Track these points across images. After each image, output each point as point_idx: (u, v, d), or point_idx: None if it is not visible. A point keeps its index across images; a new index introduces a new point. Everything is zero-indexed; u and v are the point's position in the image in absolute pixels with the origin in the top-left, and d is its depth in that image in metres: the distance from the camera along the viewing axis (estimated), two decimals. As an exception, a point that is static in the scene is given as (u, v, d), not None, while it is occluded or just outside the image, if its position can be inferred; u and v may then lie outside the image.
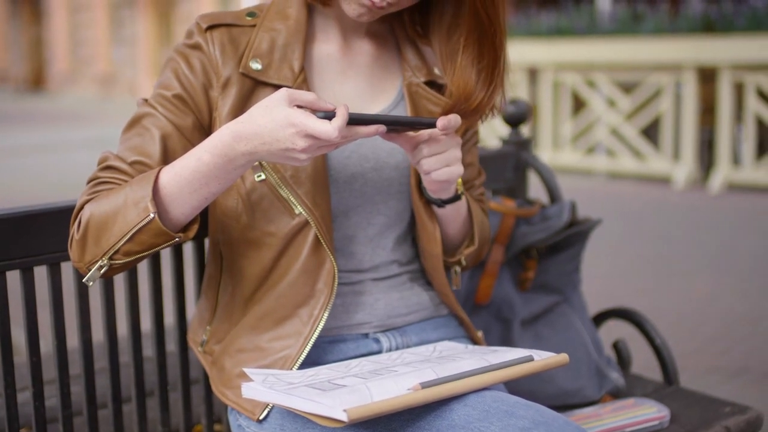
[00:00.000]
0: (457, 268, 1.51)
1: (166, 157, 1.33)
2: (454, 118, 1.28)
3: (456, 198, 1.42)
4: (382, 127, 1.21)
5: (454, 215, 1.46)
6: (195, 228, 1.30)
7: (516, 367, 1.23)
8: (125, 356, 1.63)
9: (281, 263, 1.38)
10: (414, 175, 1.43)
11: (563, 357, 1.27)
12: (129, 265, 1.29)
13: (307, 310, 1.37)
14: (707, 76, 7.63)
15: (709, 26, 7.46)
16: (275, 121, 1.18)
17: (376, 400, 1.11)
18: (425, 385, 1.15)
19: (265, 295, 1.39)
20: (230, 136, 1.22)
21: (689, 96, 7.63)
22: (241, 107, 1.35)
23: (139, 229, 1.23)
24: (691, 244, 5.67)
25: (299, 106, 1.19)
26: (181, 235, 1.27)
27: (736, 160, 7.51)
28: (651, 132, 8.11)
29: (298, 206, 1.34)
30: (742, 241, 5.68)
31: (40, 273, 1.43)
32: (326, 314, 1.36)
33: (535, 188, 2.18)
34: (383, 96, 1.46)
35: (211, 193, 1.26)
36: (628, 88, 8.18)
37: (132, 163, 1.32)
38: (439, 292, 1.50)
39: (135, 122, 1.36)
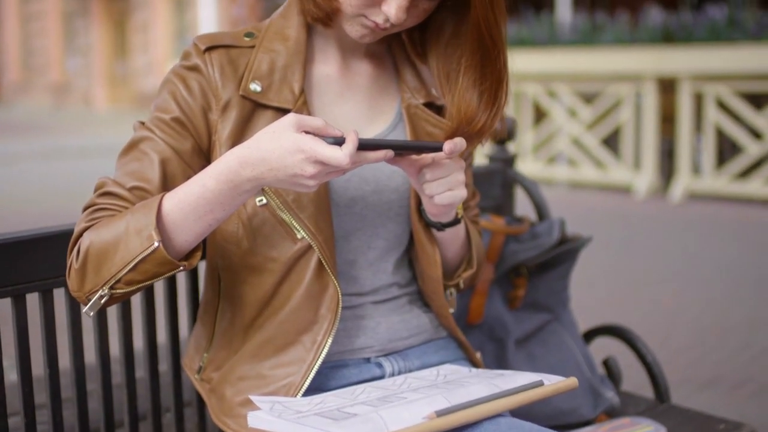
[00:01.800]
0: (453, 290, 1.50)
1: (166, 182, 1.29)
2: (460, 142, 1.26)
3: (456, 222, 1.40)
4: (390, 153, 1.20)
5: (452, 238, 1.45)
6: (198, 255, 1.27)
7: (528, 392, 1.22)
8: (117, 377, 1.59)
9: (283, 289, 1.35)
10: (414, 197, 1.42)
11: (572, 381, 1.26)
12: (130, 294, 1.26)
13: (310, 337, 1.34)
14: (667, 87, 7.71)
15: (668, 37, 7.54)
16: (283, 147, 1.16)
17: (392, 430, 1.10)
18: (440, 413, 1.13)
19: (266, 321, 1.36)
20: (236, 161, 1.19)
21: (649, 106, 7.71)
22: (241, 130, 1.33)
23: (143, 259, 1.20)
24: (654, 253, 5.72)
25: (307, 132, 1.17)
26: (185, 263, 1.24)
27: (696, 169, 7.59)
28: (612, 142, 8.18)
29: (301, 231, 1.32)
30: (706, 251, 5.74)
31: (31, 299, 1.39)
32: (330, 340, 1.33)
33: (520, 204, 2.18)
34: (382, 117, 1.44)
35: (216, 219, 1.24)
36: (588, 99, 8.25)
37: (131, 189, 1.29)
38: (438, 314, 1.49)
39: (132, 146, 1.33)
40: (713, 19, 7.26)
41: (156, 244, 1.19)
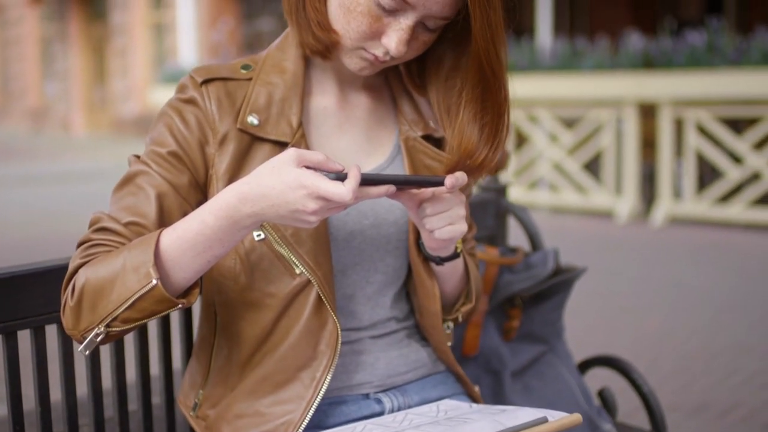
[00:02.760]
0: (451, 324, 1.48)
1: (162, 217, 1.27)
2: (461, 177, 1.25)
3: (455, 256, 1.39)
4: (392, 188, 1.18)
5: (451, 273, 1.43)
6: (196, 292, 1.24)
7: (532, 429, 1.20)
8: (109, 410, 1.56)
9: (281, 325, 1.33)
10: (412, 231, 1.40)
11: (576, 417, 1.24)
12: (126, 332, 1.23)
13: (309, 373, 1.32)
14: (647, 112, 7.76)
15: (648, 63, 7.59)
16: (285, 183, 1.14)
17: (397, 470, 1.07)
18: (446, 453, 1.11)
19: (264, 358, 1.34)
20: (235, 197, 1.17)
21: (630, 131, 7.75)
22: (238, 164, 1.31)
23: (141, 297, 1.18)
24: (637, 278, 5.73)
25: (308, 167, 1.15)
26: (183, 300, 1.21)
27: (677, 193, 7.63)
28: (593, 167, 8.21)
29: (300, 266, 1.30)
30: (689, 275, 5.75)
31: (21, 334, 1.36)
32: (329, 377, 1.31)
33: (511, 233, 2.17)
34: (380, 150, 1.43)
35: (215, 256, 1.21)
36: (569, 124, 8.28)
37: (127, 224, 1.26)
38: (437, 348, 1.47)
39: (128, 180, 1.31)
40: (693, 45, 7.31)
41: (154, 281, 1.17)
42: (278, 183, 1.14)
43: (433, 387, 1.46)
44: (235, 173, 1.31)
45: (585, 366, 1.99)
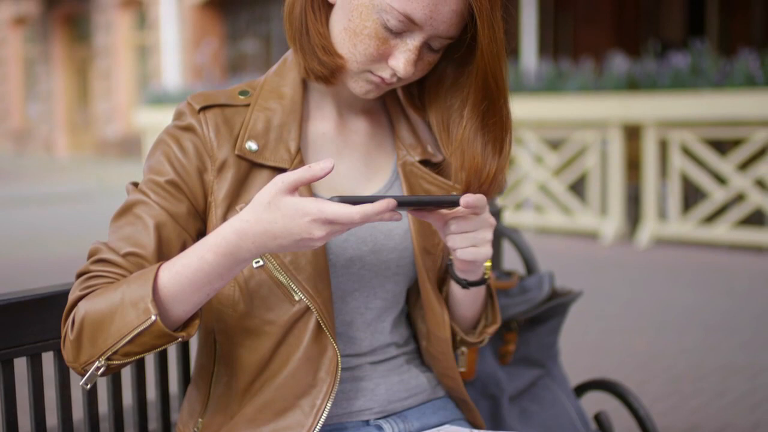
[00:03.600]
0: (464, 349, 1.47)
1: (161, 247, 1.27)
2: (480, 198, 1.23)
3: (482, 282, 1.38)
4: (392, 202, 1.12)
5: (474, 298, 1.42)
6: (196, 324, 1.24)
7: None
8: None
9: (281, 352, 1.32)
10: (420, 256, 1.40)
11: (579, 443, 1.24)
12: (127, 364, 1.22)
13: (309, 401, 1.31)
14: (632, 133, 7.80)
15: (633, 84, 7.63)
16: (286, 216, 1.13)
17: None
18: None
19: (263, 385, 1.33)
20: (235, 235, 1.17)
21: (615, 152, 7.78)
22: (237, 190, 1.31)
23: (140, 332, 1.17)
24: (624, 299, 5.73)
25: (296, 188, 1.15)
26: (183, 334, 1.21)
27: (662, 214, 7.65)
28: (578, 188, 8.23)
29: (299, 292, 1.30)
30: (675, 296, 5.76)
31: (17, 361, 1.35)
32: (329, 404, 1.30)
33: (506, 257, 2.16)
34: (379, 175, 1.43)
35: (214, 289, 1.21)
36: (555, 145, 8.31)
37: (125, 255, 1.26)
38: (444, 375, 1.46)
39: (126, 210, 1.30)
40: (677, 67, 7.36)
41: (153, 317, 1.16)
42: (279, 217, 1.13)
43: (434, 413, 1.45)
44: (233, 200, 1.30)
45: (581, 389, 1.98)
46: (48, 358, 1.36)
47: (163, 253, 1.27)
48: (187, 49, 16.89)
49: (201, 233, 1.32)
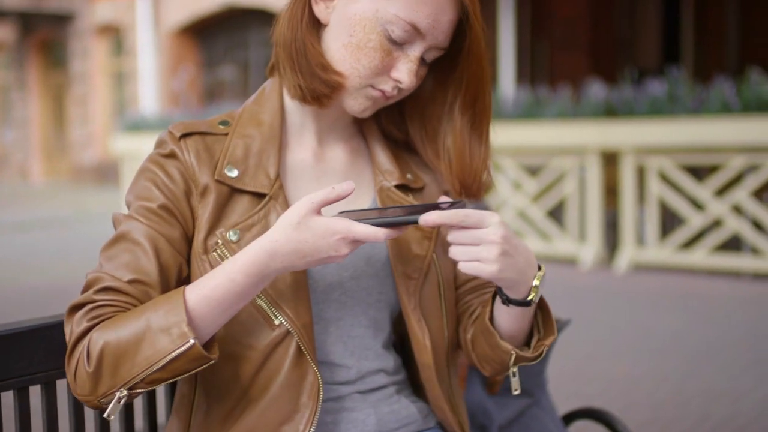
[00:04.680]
0: (515, 370, 1.39)
1: (163, 272, 1.27)
2: (444, 216, 1.22)
3: (524, 303, 1.31)
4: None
5: (521, 313, 1.34)
6: (216, 346, 1.25)
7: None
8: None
9: (261, 377, 1.32)
10: (402, 281, 1.39)
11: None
12: (146, 392, 1.23)
13: (292, 427, 1.30)
14: (610, 159, 7.85)
15: (610, 111, 7.69)
16: (316, 234, 1.19)
17: None
18: None
19: (244, 412, 1.32)
20: (266, 255, 1.20)
21: (593, 179, 7.82)
22: (218, 214, 1.32)
23: (175, 357, 1.17)
24: (604, 325, 5.74)
25: (322, 207, 1.22)
26: (214, 356, 1.22)
27: (640, 240, 7.69)
28: (557, 214, 8.27)
29: (279, 316, 1.30)
30: (655, 322, 5.78)
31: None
32: (313, 429, 1.29)
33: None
34: (358, 202, 1.44)
35: (237, 310, 1.24)
36: (533, 171, 8.35)
37: (130, 282, 1.25)
38: (434, 405, 1.45)
39: (121, 237, 1.29)
40: (654, 94, 7.43)
41: (192, 341, 1.17)
42: (310, 236, 1.19)
43: (425, 443, 1.44)
44: (214, 223, 1.31)
45: (569, 418, 1.97)
46: (35, 392, 1.34)
47: (164, 278, 1.27)
48: (164, 75, 16.88)
49: (188, 257, 1.32)
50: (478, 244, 1.23)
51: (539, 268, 1.31)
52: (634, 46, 12.14)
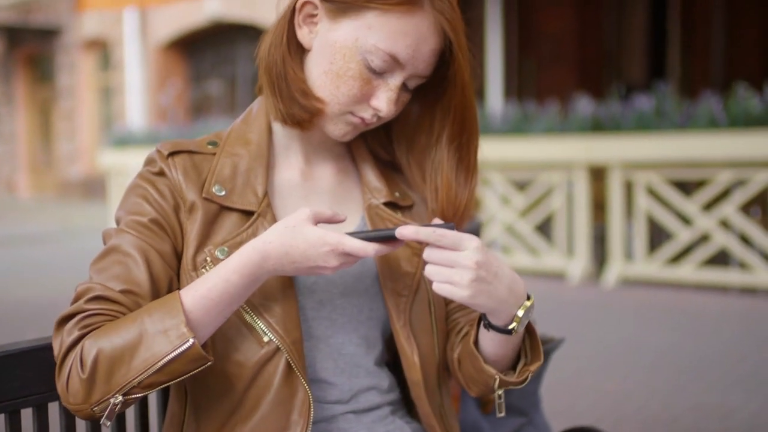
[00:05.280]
0: (500, 392, 1.40)
1: (154, 284, 1.28)
2: (418, 232, 1.24)
3: (505, 331, 1.32)
4: (400, 243, 1.26)
5: (499, 343, 1.35)
6: (210, 351, 1.27)
7: None
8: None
9: (251, 395, 1.32)
10: (391, 298, 1.39)
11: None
12: (140, 398, 1.22)
13: None
14: (598, 174, 7.86)
15: (598, 126, 7.71)
16: (308, 242, 1.21)
17: None
18: None
19: (234, 430, 1.32)
20: (258, 255, 1.22)
21: (581, 193, 7.84)
22: (206, 232, 1.33)
23: (174, 358, 1.18)
24: (593, 340, 5.74)
25: (320, 223, 1.26)
26: (211, 357, 1.23)
27: (628, 255, 7.70)
28: (545, 228, 8.28)
29: (268, 333, 1.30)
30: (644, 336, 5.78)
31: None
32: None
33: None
34: (348, 220, 1.44)
35: (231, 313, 1.25)
36: (521, 186, 8.36)
37: (121, 292, 1.26)
38: (425, 424, 1.45)
39: (112, 250, 1.30)
40: (641, 109, 7.45)
41: (191, 341, 1.18)
42: (302, 242, 1.22)
43: (419, 464, 1.43)
44: (203, 241, 1.32)
45: (563, 437, 1.97)
46: (27, 415, 1.33)
47: (155, 290, 1.28)
48: (152, 90, 16.87)
49: (178, 273, 1.33)
50: (452, 266, 1.24)
51: (528, 298, 1.32)
52: (621, 61, 12.20)
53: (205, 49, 17.83)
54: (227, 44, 17.23)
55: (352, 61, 1.31)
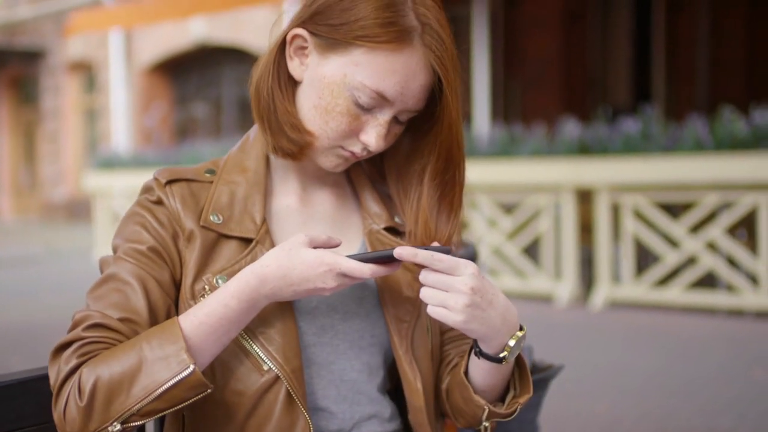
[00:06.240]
0: (486, 424, 1.38)
1: (152, 313, 1.26)
2: (413, 254, 1.24)
3: (495, 359, 1.31)
4: (397, 265, 1.26)
5: (489, 372, 1.35)
6: (210, 378, 1.25)
7: None
8: None
9: (251, 424, 1.30)
10: (392, 323, 1.38)
11: None
12: (140, 426, 1.21)
13: None
14: (585, 197, 7.88)
15: (585, 149, 7.73)
16: (306, 263, 1.21)
17: None
18: None
19: None
20: (256, 279, 1.22)
21: (568, 216, 7.85)
22: (205, 260, 1.32)
23: (174, 385, 1.16)
24: (582, 363, 5.73)
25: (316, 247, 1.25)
26: (212, 385, 1.21)
27: (616, 277, 7.71)
28: (532, 251, 8.28)
29: (268, 362, 1.28)
30: (632, 359, 5.78)
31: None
32: None
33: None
34: (348, 246, 1.43)
35: (230, 339, 1.24)
36: (508, 209, 8.37)
37: (119, 320, 1.25)
38: None
39: (110, 278, 1.29)
40: (627, 132, 7.48)
41: (192, 367, 1.17)
42: (299, 263, 1.22)
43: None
44: (201, 269, 1.31)
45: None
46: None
47: (154, 318, 1.27)
48: (137, 112, 16.85)
49: (176, 301, 1.32)
50: (448, 290, 1.24)
51: (521, 329, 1.32)
52: (606, 84, 12.26)
53: (191, 71, 17.83)
54: (213, 67, 17.25)
55: (340, 97, 1.31)
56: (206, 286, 1.30)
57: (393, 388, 1.47)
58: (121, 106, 13.73)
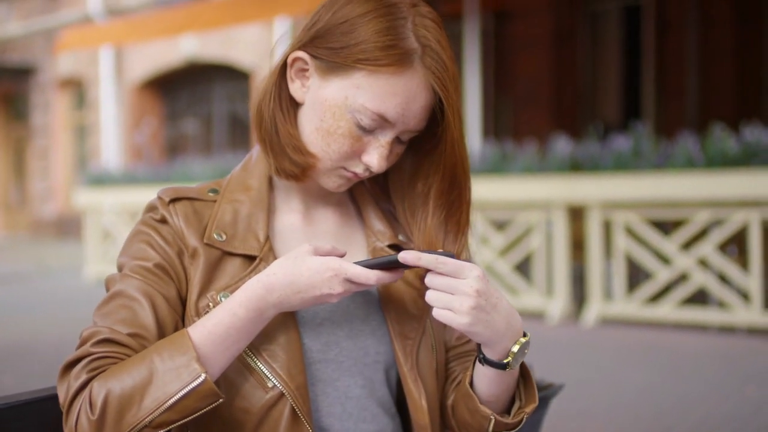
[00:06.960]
0: None
1: (160, 328, 1.27)
2: (418, 258, 1.24)
3: (499, 365, 1.32)
4: (402, 271, 1.27)
5: (500, 375, 1.35)
6: (220, 389, 1.25)
7: None
8: None
9: None
10: (397, 340, 1.38)
11: None
12: None
13: None
14: (576, 214, 7.90)
15: (576, 166, 7.76)
16: (312, 269, 1.22)
17: None
18: None
19: None
20: (263, 288, 1.23)
21: (559, 233, 7.86)
22: (209, 277, 1.33)
23: (186, 395, 1.17)
24: (574, 380, 5.72)
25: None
26: (223, 396, 1.22)
27: (607, 294, 7.72)
28: (524, 268, 8.28)
29: (272, 378, 1.29)
30: (624, 376, 5.78)
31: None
32: None
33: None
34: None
35: (239, 350, 1.24)
36: (500, 226, 8.38)
37: (128, 335, 1.25)
38: None
39: (117, 294, 1.30)
40: (618, 149, 7.51)
41: (203, 376, 1.18)
42: (305, 270, 1.23)
43: None
44: (205, 286, 1.32)
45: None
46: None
47: (161, 334, 1.27)
48: (127, 129, 16.84)
49: (183, 318, 1.33)
50: (453, 293, 1.25)
51: (525, 335, 1.32)
52: (596, 102, 12.32)
53: (181, 88, 17.84)
54: (203, 83, 17.26)
55: (341, 119, 1.32)
56: (210, 303, 1.31)
57: (398, 405, 1.48)
58: (112, 122, 13.74)
